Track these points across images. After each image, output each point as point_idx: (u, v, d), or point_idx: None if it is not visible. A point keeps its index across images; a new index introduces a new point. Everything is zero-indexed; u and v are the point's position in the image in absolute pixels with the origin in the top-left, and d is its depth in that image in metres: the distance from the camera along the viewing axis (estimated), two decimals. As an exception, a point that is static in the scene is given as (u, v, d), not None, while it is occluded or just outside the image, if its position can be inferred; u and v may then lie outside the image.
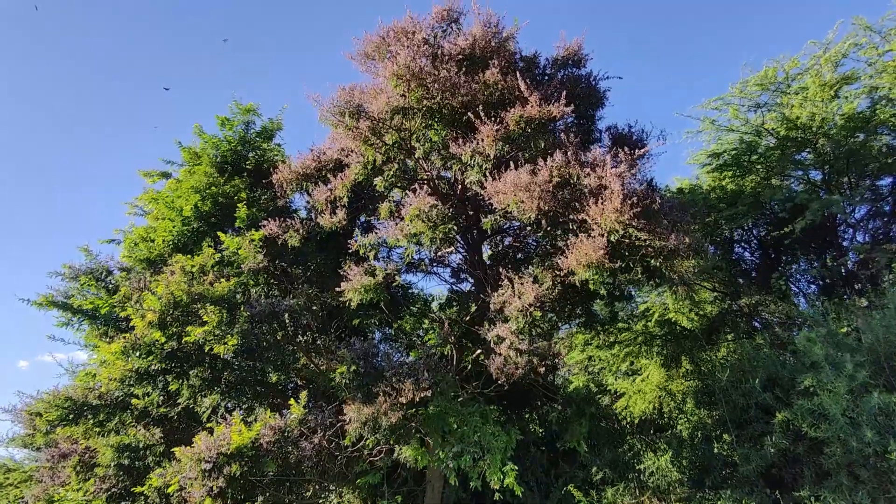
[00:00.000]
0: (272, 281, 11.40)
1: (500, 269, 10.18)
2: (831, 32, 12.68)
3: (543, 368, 9.05)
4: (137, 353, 8.83)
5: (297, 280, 11.67)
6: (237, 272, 10.61)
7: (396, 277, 10.38)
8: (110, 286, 11.30)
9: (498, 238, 13.80)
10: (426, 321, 14.45)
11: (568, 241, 8.93)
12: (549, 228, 9.37)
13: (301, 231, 10.76)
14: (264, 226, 10.87)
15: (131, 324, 9.25)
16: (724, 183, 14.73)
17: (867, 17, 12.35)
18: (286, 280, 11.57)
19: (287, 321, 10.28)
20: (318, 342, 11.30)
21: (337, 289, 10.05)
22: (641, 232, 8.46)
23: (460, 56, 10.47)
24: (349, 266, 10.30)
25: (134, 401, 9.33)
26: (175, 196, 12.04)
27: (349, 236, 11.18)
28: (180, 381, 9.29)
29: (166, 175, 13.47)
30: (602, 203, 8.29)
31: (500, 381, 9.33)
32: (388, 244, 10.43)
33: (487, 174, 9.36)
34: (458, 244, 12.37)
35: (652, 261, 9.06)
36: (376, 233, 10.41)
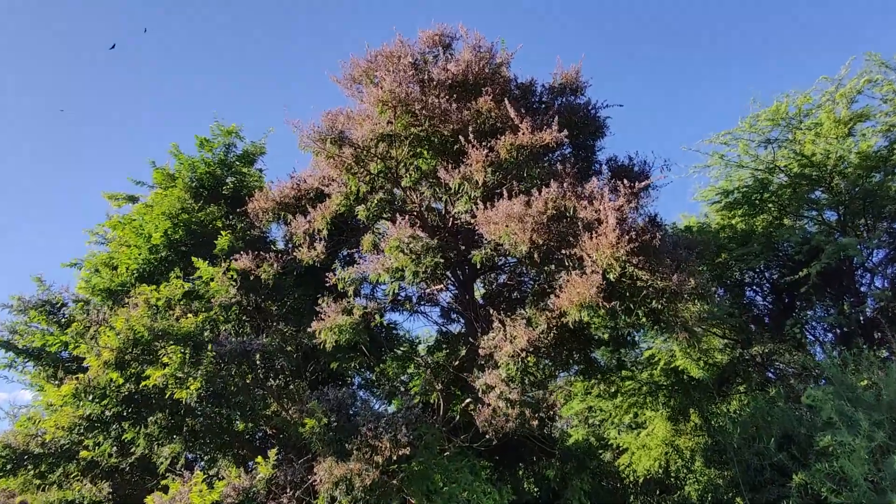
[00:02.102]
0: (244, 317, 11.28)
1: (491, 310, 10.11)
2: (844, 68, 13.10)
3: (537, 421, 8.88)
4: (90, 397, 8.63)
5: (271, 317, 11.56)
6: (207, 307, 10.50)
7: (377, 316, 10.28)
8: (63, 320, 11.12)
9: (492, 275, 13.73)
10: (411, 365, 14.30)
11: (562, 279, 8.95)
12: (541, 263, 9.38)
13: (276, 265, 10.70)
14: (238, 258, 10.84)
15: (85, 363, 9.07)
16: (734, 222, 14.89)
17: (864, 50, 12.75)
18: (259, 317, 11.46)
19: (258, 362, 10.12)
20: (291, 387, 11.13)
21: (309, 329, 9.96)
22: (641, 270, 8.45)
23: (451, 82, 10.62)
24: (326, 302, 10.19)
25: (83, 452, 9.06)
26: (144, 221, 11.99)
27: (329, 271, 11.15)
28: (136, 428, 9.06)
29: (133, 199, 13.47)
30: (597, 237, 8.33)
31: (488, 436, 9.14)
32: (370, 280, 10.33)
33: (478, 204, 9.41)
34: (448, 281, 12.26)
35: (654, 303, 9.03)
36: (357, 267, 10.34)
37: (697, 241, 11.11)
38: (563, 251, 8.89)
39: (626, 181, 8.95)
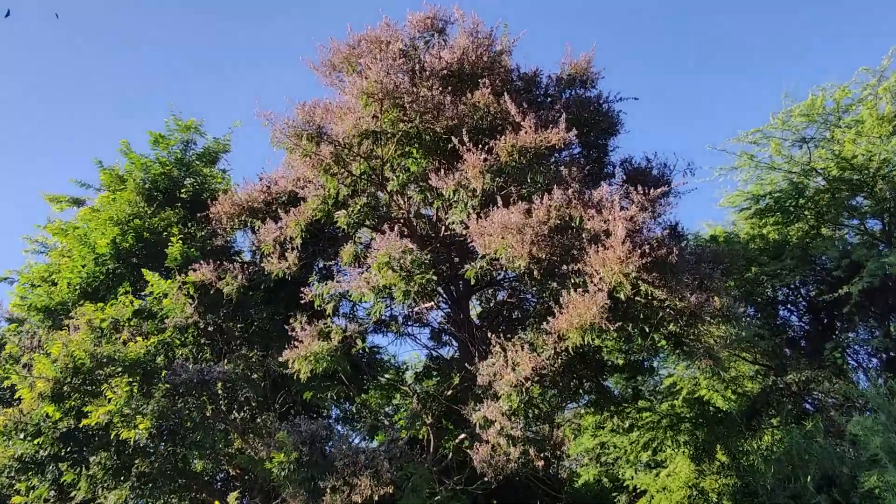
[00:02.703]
0: (203, 340, 11.17)
1: (489, 332, 10.05)
2: (886, 59, 13.17)
3: (543, 461, 8.79)
4: (22, 435, 8.46)
5: (234, 340, 11.45)
6: (160, 328, 10.36)
7: (358, 340, 10.24)
8: (-9, 344, 10.93)
9: (490, 291, 13.80)
10: (397, 395, 14.20)
11: (563, 298, 8.92)
12: (543, 280, 9.41)
13: (242, 278, 10.61)
14: (197, 269, 10.73)
15: (17, 395, 8.90)
16: (765, 231, 14.89)
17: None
18: (222, 339, 11.34)
19: (220, 392, 9.99)
20: (258, 420, 10.97)
21: (281, 357, 9.85)
22: (656, 288, 8.45)
23: (445, 72, 10.63)
24: (300, 324, 10.11)
25: (15, 498, 8.87)
26: (89, 228, 11.88)
27: (303, 285, 11.06)
28: (77, 469, 8.89)
29: (78, 202, 13.33)
30: (604, 251, 8.32)
31: (486, 478, 9.03)
32: (351, 298, 10.25)
33: (473, 213, 9.40)
34: (440, 298, 12.33)
35: (671, 325, 9.13)
36: (337, 282, 10.27)
37: (724, 254, 11.09)
38: (568, 266, 8.84)
39: (641, 186, 8.94)
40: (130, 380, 8.63)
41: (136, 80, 44.31)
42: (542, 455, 8.93)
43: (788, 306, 16.07)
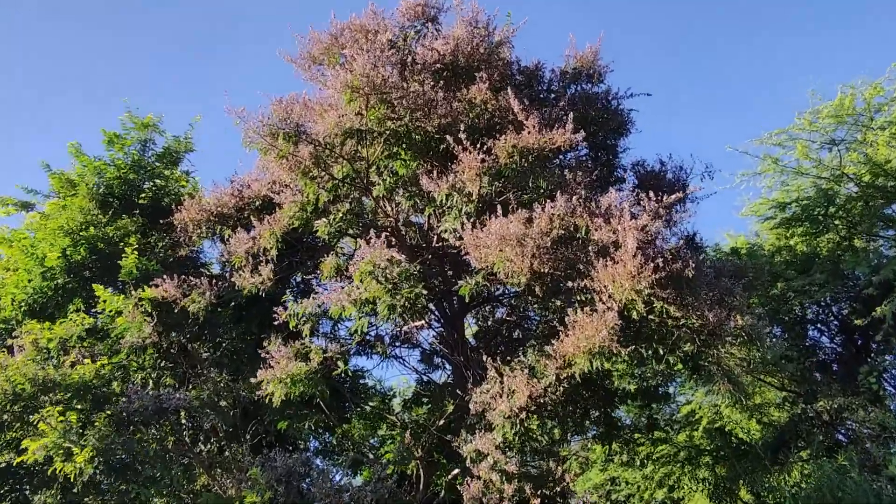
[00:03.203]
0: (164, 363, 11.12)
1: (485, 355, 10.04)
2: (921, 52, 13.27)
3: (539, 500, 8.70)
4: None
5: (201, 363, 11.39)
6: (114, 349, 10.28)
7: (340, 362, 10.13)
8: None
9: (487, 308, 13.86)
10: (383, 425, 14.09)
11: (569, 318, 8.89)
12: (546, 297, 9.41)
13: (210, 294, 10.56)
14: (159, 284, 10.68)
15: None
16: (792, 243, 14.93)
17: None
18: (186, 362, 11.29)
19: (184, 422, 9.90)
20: (227, 453, 10.86)
21: (254, 378, 9.80)
22: (671, 306, 8.44)
23: (438, 65, 10.66)
24: (275, 345, 10.05)
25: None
26: (37, 238, 11.80)
27: (279, 302, 11.06)
28: (16, 509, 8.72)
29: (28, 206, 13.27)
30: (613, 265, 8.31)
31: (479, 517, 8.93)
32: (331, 315, 10.19)
33: (468, 221, 9.37)
34: (431, 316, 12.34)
35: (688, 346, 9.04)
36: (315, 298, 10.20)
37: (746, 268, 11.09)
38: (574, 282, 8.81)
39: (654, 192, 8.93)
40: (79, 406, 8.48)
41: (98, 74, 44.25)
42: (540, 492, 8.83)
43: (818, 326, 16.08)
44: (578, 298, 8.88)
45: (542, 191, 9.60)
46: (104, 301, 10.34)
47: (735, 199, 18.23)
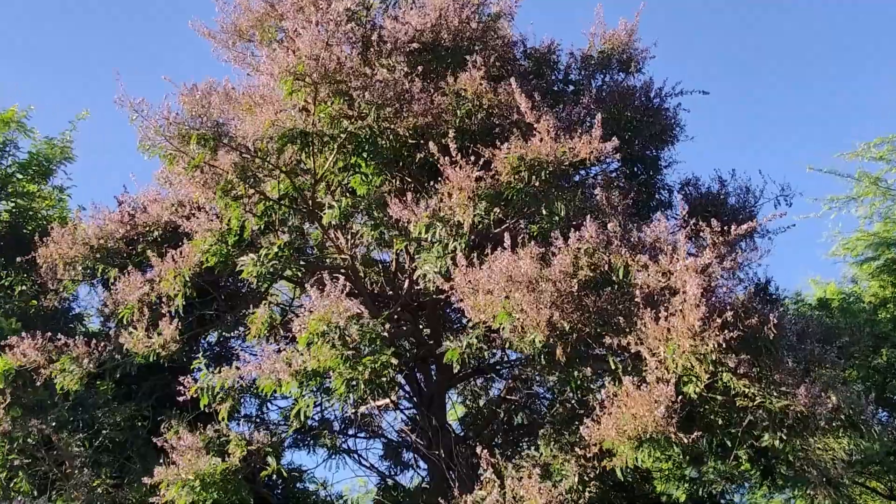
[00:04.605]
0: (19, 461, 10.84)
1: (479, 447, 9.89)
2: None
3: None
4: None
5: (72, 459, 11.08)
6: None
7: (271, 459, 10.04)
8: None
9: (479, 382, 13.90)
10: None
11: (604, 392, 8.82)
12: (570, 364, 9.25)
13: (87, 361, 10.40)
14: (13, 345, 10.54)
15: None
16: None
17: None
18: (50, 458, 11.02)
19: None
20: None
21: (148, 479, 9.61)
22: (743, 379, 8.41)
23: (414, 45, 10.66)
24: (178, 431, 10.01)
25: None
26: None
27: (185, 371, 10.93)
28: None
29: None
30: (668, 319, 8.19)
31: None
32: (260, 391, 9.96)
33: (459, 257, 9.18)
34: (401, 392, 12.37)
35: (766, 436, 8.96)
36: (237, 366, 9.99)
37: (839, 328, 11.10)
38: (608, 341, 8.69)
39: (714, 221, 8.90)
40: None
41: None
42: None
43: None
44: (614, 367, 8.84)
45: (559, 218, 9.59)
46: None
47: (821, 232, 18.19)
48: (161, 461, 9.82)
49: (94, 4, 44.23)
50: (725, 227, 8.90)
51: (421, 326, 12.00)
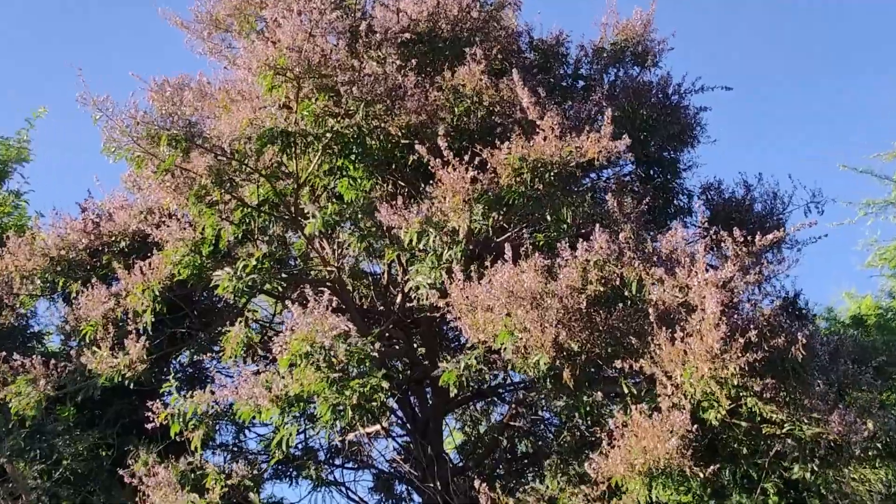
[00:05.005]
0: None
1: (477, 479, 9.84)
2: None
3: None
4: None
5: (27, 492, 11.13)
6: None
7: (252, 495, 10.10)
8: None
9: (479, 407, 13.98)
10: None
11: (614, 420, 8.69)
12: (578, 388, 9.19)
13: (45, 383, 10.31)
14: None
15: None
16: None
17: None
18: (3, 491, 11.13)
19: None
20: None
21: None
22: (769, 405, 8.35)
23: (407, 35, 10.70)
24: (147, 462, 9.98)
25: None
26: None
27: (155, 395, 10.84)
28: None
29: None
30: (685, 339, 8.13)
31: None
32: (237, 417, 9.87)
33: (454, 268, 9.17)
34: (393, 418, 12.42)
35: (795, 467, 8.95)
36: (212, 390, 9.93)
37: (876, 347, 11.10)
38: (623, 363, 8.63)
39: (737, 230, 8.93)
40: None
41: None
42: None
43: None
44: (627, 390, 8.82)
45: (566, 226, 9.64)
46: None
47: (856, 240, 18.08)
48: (127, 497, 9.86)
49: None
50: (750, 237, 8.90)
51: (415, 346, 12.03)
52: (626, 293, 8.71)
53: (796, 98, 45.87)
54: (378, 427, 11.75)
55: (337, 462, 13.31)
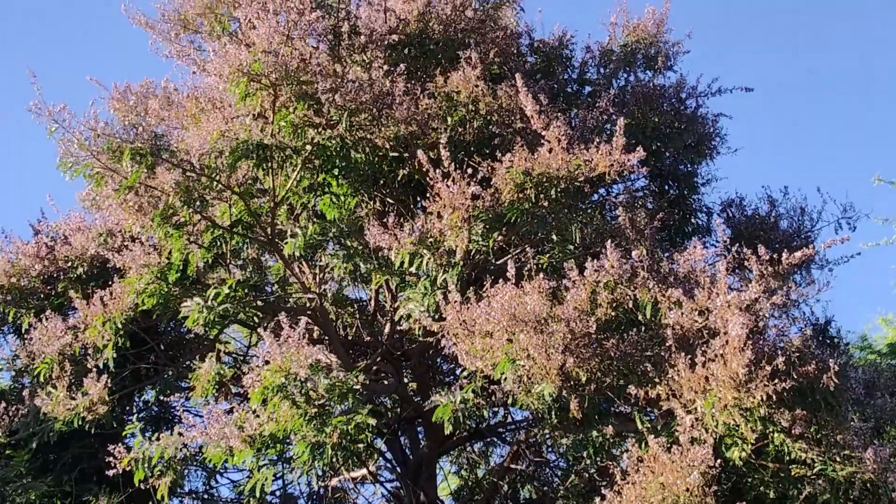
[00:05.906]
0: None
1: None
2: None
3: None
4: None
5: None
6: None
7: None
8: None
9: (476, 447, 13.99)
10: None
11: (628, 456, 8.60)
12: (588, 421, 9.15)
13: None
14: None
15: None
16: None
17: None
18: None
19: None
20: None
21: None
22: (797, 441, 8.36)
23: (396, 37, 10.74)
24: None
25: None
26: None
27: (116, 438, 10.95)
28: None
29: None
30: (706, 366, 8.12)
31: None
32: (207, 461, 9.89)
33: (449, 295, 9.07)
34: (381, 461, 12.66)
35: None
36: (180, 432, 9.85)
37: None
38: (634, 393, 8.64)
39: (762, 248, 8.94)
40: None
41: None
42: None
43: None
44: (642, 425, 8.75)
45: (574, 247, 9.67)
46: None
47: (891, 261, 18.16)
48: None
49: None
50: (776, 256, 8.90)
51: (405, 380, 12.07)
52: (640, 317, 8.71)
53: (826, 104, 46.33)
54: (364, 471, 11.78)
55: (323, 504, 13.36)
